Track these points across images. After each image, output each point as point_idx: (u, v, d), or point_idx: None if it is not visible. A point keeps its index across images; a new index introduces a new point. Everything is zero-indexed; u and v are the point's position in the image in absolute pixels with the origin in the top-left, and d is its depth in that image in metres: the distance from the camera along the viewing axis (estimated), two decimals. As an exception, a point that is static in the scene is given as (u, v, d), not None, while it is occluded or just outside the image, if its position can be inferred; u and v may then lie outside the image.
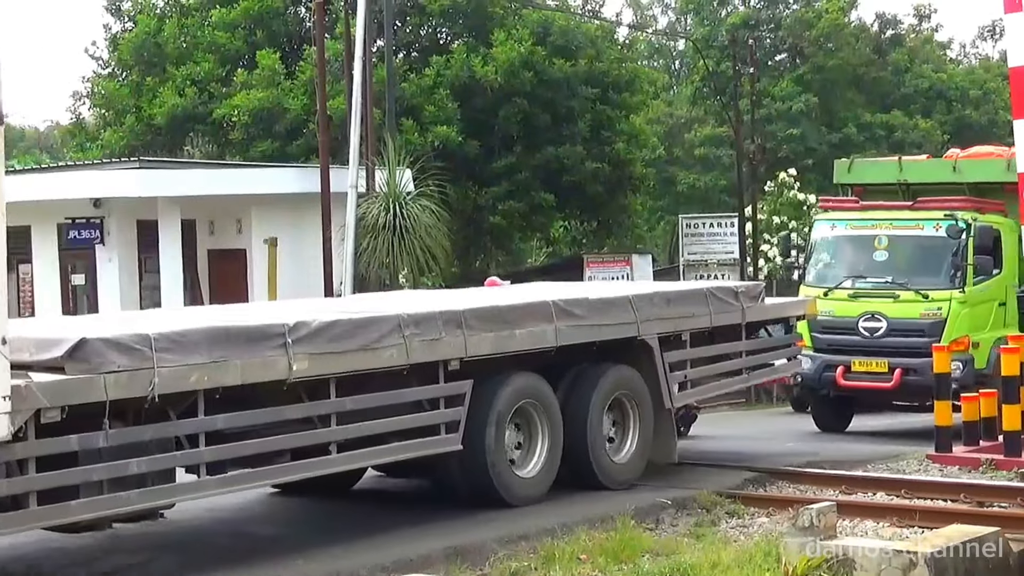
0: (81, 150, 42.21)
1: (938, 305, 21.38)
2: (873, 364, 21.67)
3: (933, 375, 19.30)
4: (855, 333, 21.80)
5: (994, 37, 72.20)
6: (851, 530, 12.61)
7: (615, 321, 14.11)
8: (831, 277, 22.58)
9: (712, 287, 15.95)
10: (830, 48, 59.03)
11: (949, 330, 21.20)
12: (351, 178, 27.22)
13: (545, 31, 38.63)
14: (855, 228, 22.69)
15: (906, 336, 21.45)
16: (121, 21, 42.52)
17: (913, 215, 22.17)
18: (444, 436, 12.46)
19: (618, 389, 14.23)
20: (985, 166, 23.81)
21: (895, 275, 21.96)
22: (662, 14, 70.80)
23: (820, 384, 22.29)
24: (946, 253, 21.56)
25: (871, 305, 21.81)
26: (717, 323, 15.51)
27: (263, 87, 35.78)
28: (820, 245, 23.10)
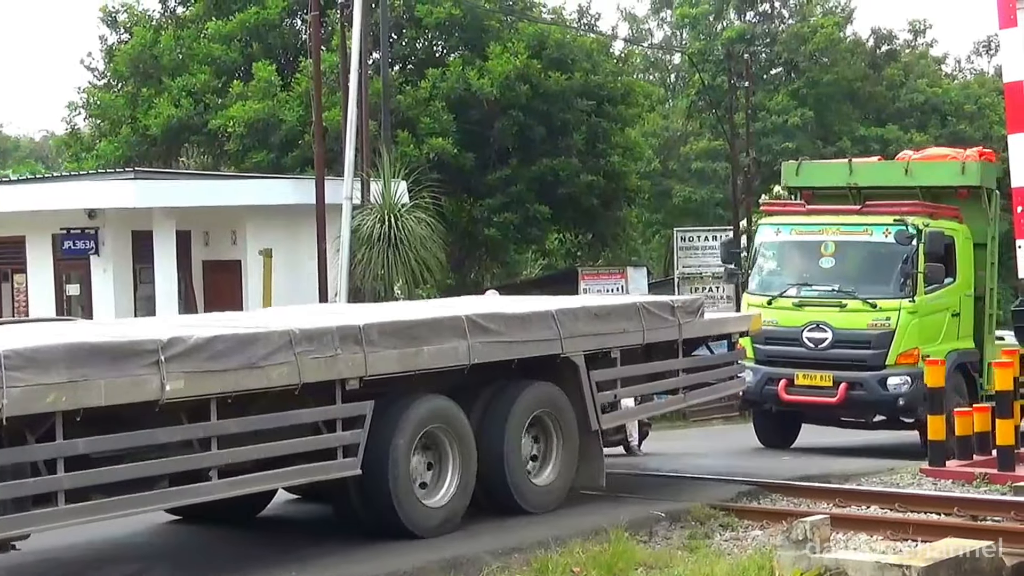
0: (76, 160, 42.21)
1: (887, 315, 20.31)
2: (817, 377, 20.55)
3: (882, 390, 19.78)
4: (799, 344, 20.65)
5: (989, 52, 72.32)
6: (845, 543, 12.59)
7: (536, 337, 13.19)
8: (775, 285, 21.48)
9: (646, 301, 14.94)
10: (825, 62, 59.13)
11: (898, 342, 20.21)
12: (346, 190, 27.23)
13: (541, 44, 38.69)
14: (801, 233, 21.55)
15: (852, 348, 20.44)
16: (117, 32, 42.55)
17: (861, 220, 21.10)
18: (341, 461, 11.46)
19: (539, 409, 13.36)
20: (939, 169, 22.46)
21: (842, 283, 20.85)
22: (658, 28, 70.87)
23: (762, 398, 21.14)
24: (896, 260, 20.51)
25: (816, 315, 20.67)
26: (651, 339, 14.63)
27: (259, 98, 35.81)
28: (764, 251, 21.99)
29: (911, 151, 25.22)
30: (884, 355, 20.02)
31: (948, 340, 20.80)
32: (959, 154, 22.77)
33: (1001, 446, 17.26)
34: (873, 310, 20.29)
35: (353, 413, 11.59)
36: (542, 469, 13.57)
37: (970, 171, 21.78)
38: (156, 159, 38.06)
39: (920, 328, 20.30)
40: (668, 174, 57.73)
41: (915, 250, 20.23)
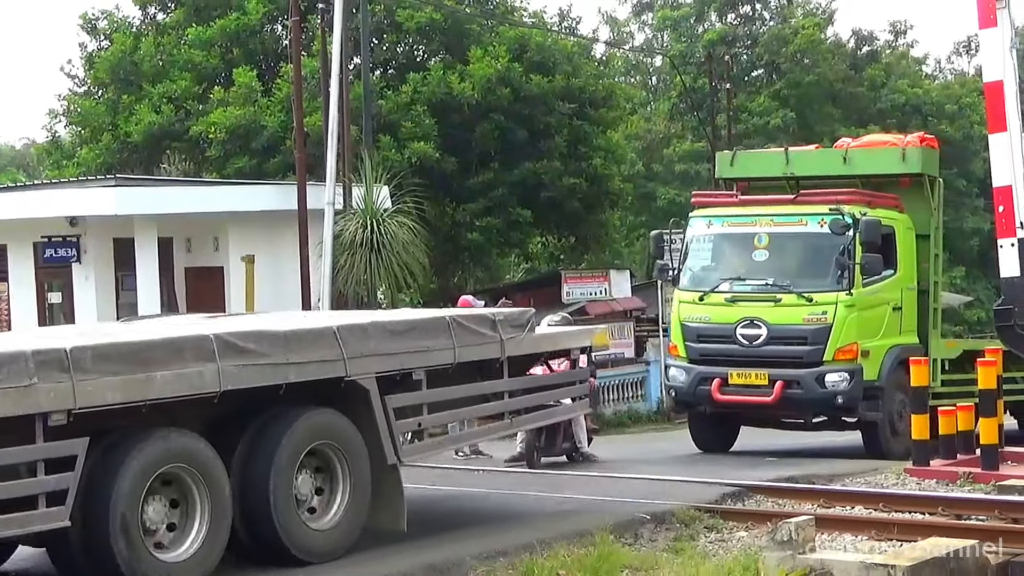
0: (57, 168, 42.08)
1: (823, 309, 19.28)
2: (752, 376, 19.54)
3: (819, 388, 19.05)
4: (733, 342, 19.67)
5: (969, 52, 72.59)
6: (829, 544, 12.60)
7: (311, 358, 11.27)
8: (707, 280, 20.41)
9: (458, 315, 13.19)
10: (806, 64, 59.31)
11: (835, 337, 19.21)
12: (328, 195, 27.20)
13: (522, 48, 38.67)
14: (733, 225, 20.55)
15: (788, 344, 19.46)
16: (97, 39, 42.43)
17: (796, 210, 20.15)
18: (45, 511, 9.50)
19: (317, 441, 11.42)
20: (878, 156, 21.53)
21: (776, 277, 19.85)
22: (639, 31, 70.97)
23: (695, 399, 20.17)
24: (832, 252, 19.43)
25: (750, 310, 19.69)
26: (465, 358, 12.80)
27: (240, 104, 35.75)
28: (695, 245, 20.80)
29: (850, 139, 24.12)
30: (821, 351, 19.15)
31: (890, 335, 20.00)
32: (899, 140, 21.91)
33: (985, 445, 17.29)
34: (809, 304, 19.36)
35: (59, 454, 9.61)
36: (325, 511, 11.57)
37: (911, 158, 20.92)
38: (137, 166, 37.97)
39: (859, 322, 19.42)
40: (651, 176, 57.82)
41: (851, 240, 19.28)
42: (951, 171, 60.29)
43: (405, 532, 12.08)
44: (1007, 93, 16.96)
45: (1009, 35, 17.18)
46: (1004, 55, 17.11)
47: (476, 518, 13.83)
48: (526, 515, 13.92)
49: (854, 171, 21.07)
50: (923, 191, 21.01)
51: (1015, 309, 16.91)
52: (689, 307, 20.20)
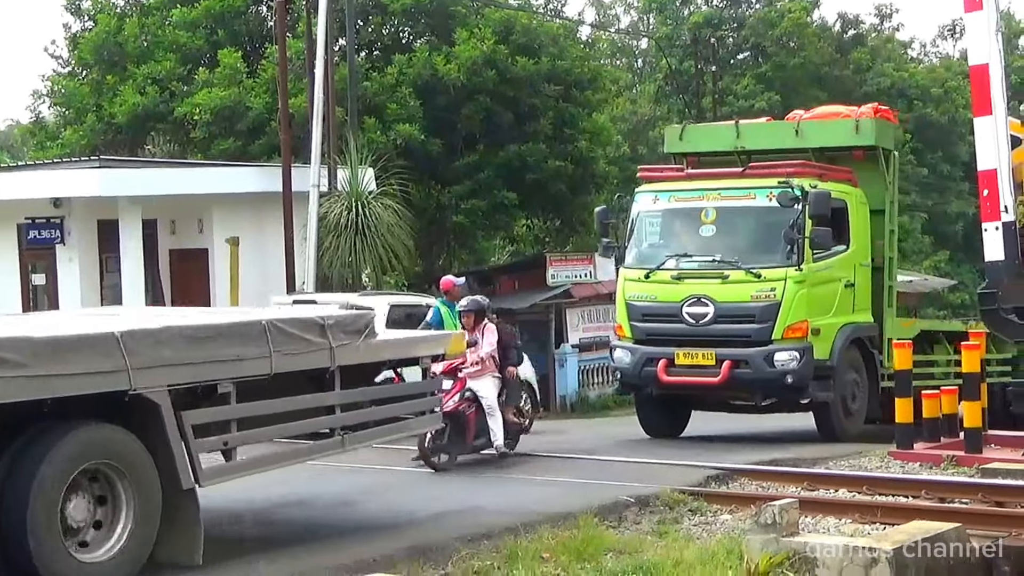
0: (41, 149, 41.94)
1: (771, 286, 18.52)
2: (699, 356, 18.72)
3: (768, 367, 18.29)
4: (679, 320, 18.86)
5: (954, 36, 72.65)
6: (813, 527, 12.64)
7: (84, 369, 9.76)
8: (653, 257, 19.59)
9: (277, 319, 11.47)
10: (792, 47, 59.28)
11: (784, 314, 18.45)
12: (313, 177, 27.16)
13: (507, 30, 38.58)
14: (680, 200, 19.71)
15: (736, 322, 18.72)
16: (81, 20, 42.28)
17: (744, 183, 19.35)
18: None
19: (91, 461, 9.86)
20: (831, 128, 20.84)
21: (724, 253, 19.06)
22: (624, 13, 70.89)
23: (641, 381, 19.36)
24: (780, 226, 18.62)
25: (697, 288, 18.88)
26: (285, 368, 11.28)
27: (225, 86, 35.63)
28: (641, 221, 19.98)
29: (802, 111, 23.35)
30: (770, 329, 18.41)
31: (842, 313, 19.31)
32: (853, 112, 21.18)
33: (968, 428, 17.34)
34: (757, 281, 18.63)
35: None
36: (102, 541, 10.00)
37: (864, 130, 20.33)
38: (122, 147, 37.83)
39: (809, 299, 18.67)
40: (636, 159, 57.69)
41: (800, 214, 18.50)
42: (936, 154, 60.48)
43: (200, 565, 10.50)
44: (992, 77, 16.94)
45: (994, 18, 17.15)
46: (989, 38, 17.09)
47: (460, 500, 13.83)
48: (510, 498, 13.93)
49: (806, 144, 20.51)
50: (878, 164, 20.45)
51: (999, 293, 16.91)
52: (634, 285, 19.50)
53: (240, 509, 13.68)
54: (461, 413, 16.36)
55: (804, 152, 20.28)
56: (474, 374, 16.65)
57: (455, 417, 16.14)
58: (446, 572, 10.93)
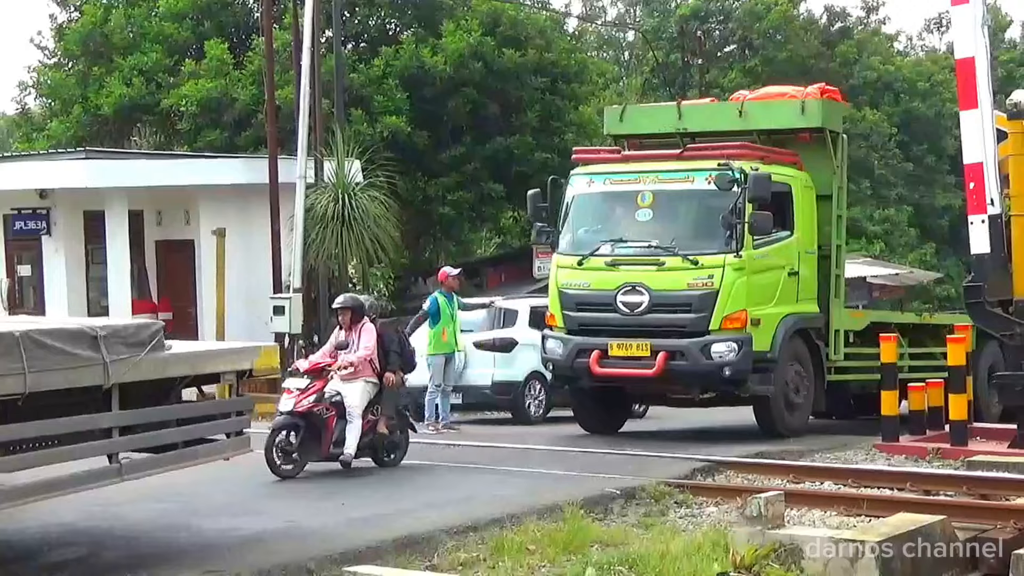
0: (27, 140, 41.85)
1: (709, 273, 17.56)
2: (634, 347, 17.77)
3: (704, 359, 17.37)
4: (613, 310, 17.90)
5: (940, 29, 72.70)
6: (799, 519, 12.67)
7: None
8: (587, 243, 18.59)
9: (36, 331, 9.83)
10: (779, 40, 59.28)
11: (722, 303, 17.52)
12: (299, 168, 27.10)
13: (494, 22, 38.54)
14: (616, 183, 18.73)
15: (672, 312, 17.73)
16: (67, 11, 42.17)
17: (682, 165, 18.32)
18: None
19: None
20: (776, 109, 19.89)
21: (661, 238, 18.08)
22: (611, 5, 70.93)
23: (573, 373, 18.43)
24: (719, 210, 17.69)
25: (632, 275, 17.89)
26: (45, 386, 9.69)
27: (211, 77, 35.58)
28: (575, 205, 18.94)
29: (747, 91, 22.57)
30: (707, 319, 17.49)
31: (785, 302, 18.36)
32: (799, 92, 20.19)
33: (953, 421, 17.40)
34: (694, 268, 17.66)
35: None
36: None
37: (811, 111, 19.38)
38: (108, 139, 37.78)
39: (749, 287, 17.73)
40: (623, 152, 57.82)
41: (739, 197, 17.57)
42: (922, 147, 60.54)
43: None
44: (978, 70, 16.94)
45: (980, 12, 17.15)
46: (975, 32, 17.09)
47: (446, 492, 13.85)
48: (496, 490, 13.94)
49: (751, 125, 19.64)
50: (825, 147, 19.56)
51: (985, 286, 16.94)
52: (567, 272, 18.52)
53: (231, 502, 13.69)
54: (318, 416, 15.15)
55: (749, 134, 19.45)
56: (345, 377, 15.46)
57: (309, 420, 15.09)
58: (433, 564, 10.94)
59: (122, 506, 12.61)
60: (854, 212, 56.73)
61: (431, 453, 17.26)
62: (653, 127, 20.46)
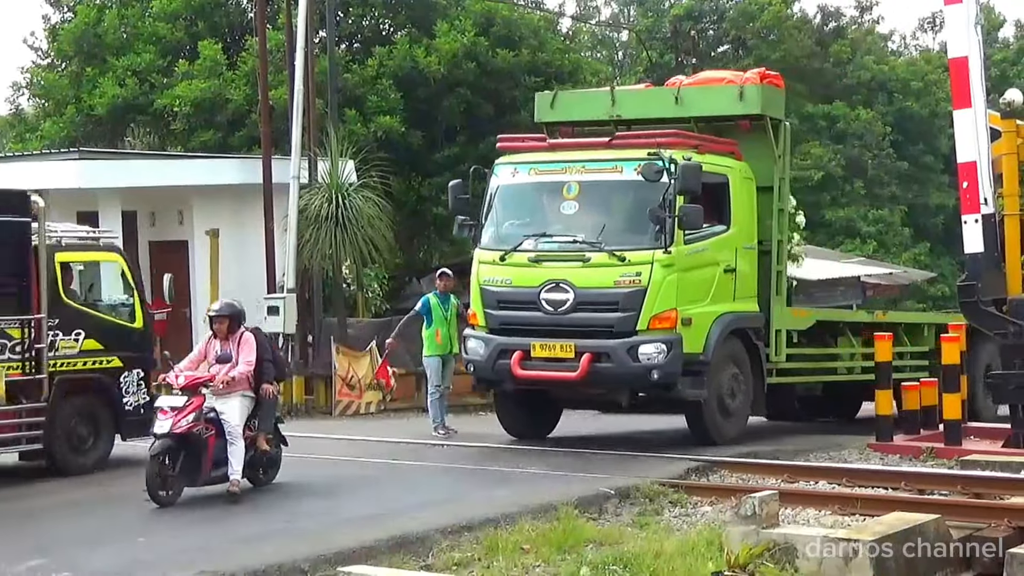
0: (20, 141, 41.78)
1: (637, 270, 16.40)
2: (557, 347, 16.66)
3: (631, 361, 16.28)
4: (536, 308, 16.77)
5: (934, 29, 72.75)
6: (793, 518, 12.68)
7: None
8: (510, 237, 17.45)
9: None
10: (773, 40, 59.29)
11: (650, 302, 16.36)
12: (293, 169, 27.07)
13: (488, 22, 38.53)
14: (540, 173, 17.63)
15: (597, 311, 16.61)
16: (60, 11, 42.12)
17: (610, 155, 17.19)
18: None
19: None
20: (713, 95, 18.78)
21: (587, 232, 16.91)
22: (605, 5, 70.81)
23: (494, 375, 17.32)
24: (648, 203, 16.51)
25: (556, 271, 16.76)
26: None
27: (205, 78, 35.55)
28: (499, 196, 17.88)
29: (684, 76, 21.39)
30: (634, 319, 16.36)
31: (720, 301, 17.30)
32: (737, 77, 19.16)
33: (947, 420, 17.42)
34: (621, 264, 16.50)
35: None
36: None
37: (750, 97, 18.31)
38: (101, 139, 37.74)
39: (680, 285, 16.61)
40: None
41: (668, 189, 16.43)
42: (916, 147, 60.57)
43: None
44: (972, 69, 16.96)
45: (974, 11, 17.18)
46: (968, 31, 17.12)
47: (440, 492, 13.85)
48: (491, 489, 13.95)
49: (688, 112, 18.56)
50: (766, 136, 18.52)
51: (978, 285, 16.95)
52: (489, 268, 17.40)
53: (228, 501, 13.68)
54: (198, 436, 13.80)
55: (686, 121, 18.43)
56: (220, 392, 14.12)
57: (189, 441, 13.76)
58: (427, 564, 10.95)
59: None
60: (848, 212, 57.02)
61: (423, 453, 17.26)
62: (586, 114, 19.45)
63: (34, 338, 15.51)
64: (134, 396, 16.86)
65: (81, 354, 16.37)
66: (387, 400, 25.22)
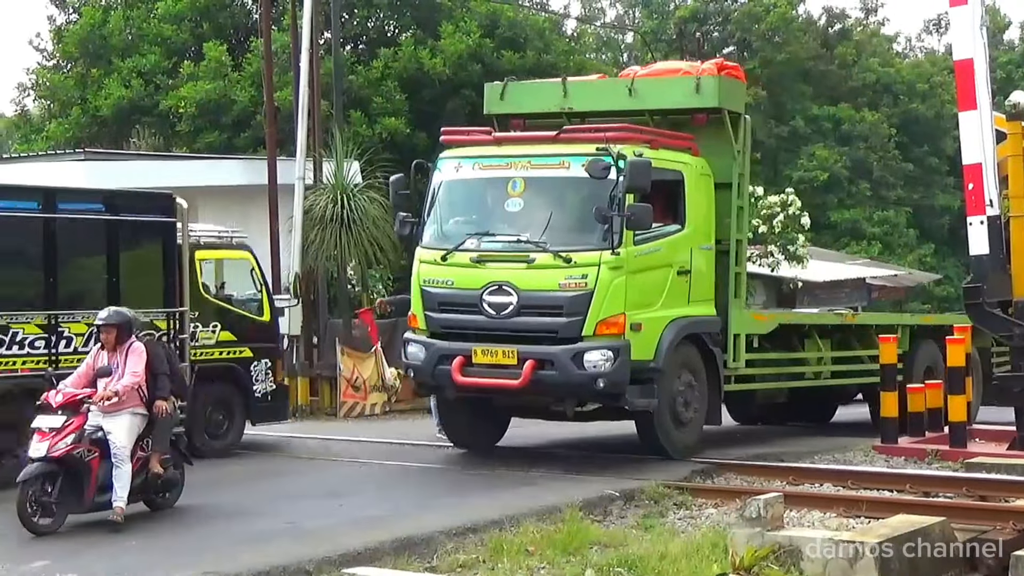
0: (26, 142, 41.89)
1: (583, 272, 15.33)
2: (499, 353, 15.53)
3: (576, 369, 15.21)
4: (478, 311, 15.67)
5: (939, 31, 72.78)
6: (798, 521, 12.67)
7: None
8: (452, 235, 16.35)
9: None
10: (778, 42, 59.32)
11: (596, 306, 15.27)
12: (299, 170, 27.08)
13: (493, 23, 38.59)
14: (485, 168, 16.53)
15: (541, 315, 15.50)
16: (66, 12, 42.25)
17: (557, 149, 16.10)
18: None
19: None
20: (668, 87, 17.60)
21: (532, 231, 15.82)
22: (610, 7, 70.91)
23: (435, 381, 16.16)
24: (596, 200, 15.45)
25: (498, 273, 15.68)
26: None
27: (210, 79, 35.62)
28: (442, 192, 16.75)
29: (639, 67, 20.14)
30: (580, 324, 15.30)
31: (673, 304, 16.17)
32: (694, 68, 17.93)
33: (953, 423, 17.39)
34: (567, 266, 15.42)
35: None
36: None
37: (707, 89, 17.18)
38: (107, 140, 37.80)
39: (629, 288, 15.51)
40: (622, 154, 57.81)
41: (616, 187, 15.35)
42: (922, 149, 60.55)
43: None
44: (977, 71, 16.93)
45: (979, 13, 17.15)
46: (974, 33, 17.09)
47: (444, 494, 13.84)
48: (495, 491, 13.93)
49: (643, 105, 17.51)
50: (724, 130, 17.37)
51: (984, 287, 16.92)
52: (430, 268, 16.27)
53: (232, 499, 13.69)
54: (78, 459, 12.45)
55: (640, 114, 17.42)
56: (108, 409, 12.68)
57: (69, 465, 12.42)
58: (431, 565, 10.94)
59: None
60: (853, 213, 57.05)
61: (427, 454, 17.25)
62: (536, 106, 18.32)
63: (178, 329, 16.60)
64: (263, 384, 18.24)
65: (217, 345, 17.60)
66: (392, 401, 25.22)
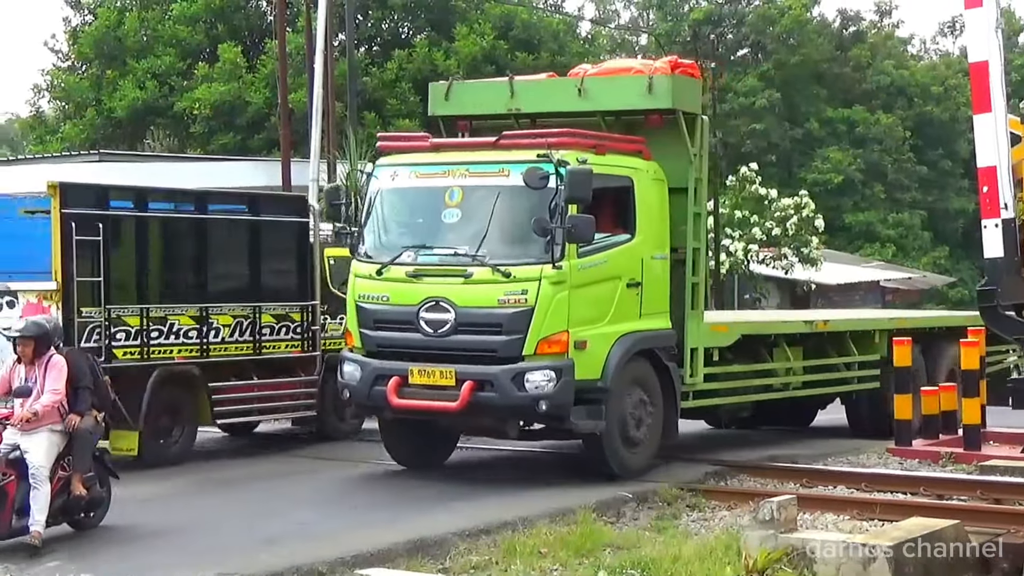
0: (41, 143, 42.01)
1: (523, 287, 14.32)
2: (436, 374, 14.52)
3: (516, 390, 14.21)
4: (415, 329, 14.70)
5: (954, 33, 72.68)
6: (811, 523, 12.64)
7: None
8: (388, 248, 15.32)
9: None
10: (792, 44, 59.29)
11: (538, 324, 14.23)
12: (312, 171, 27.09)
13: (507, 25, 38.63)
14: (422, 177, 15.47)
15: (480, 333, 14.52)
16: (81, 14, 42.37)
17: (496, 156, 15.03)
18: None
19: None
20: (620, 87, 16.47)
21: (470, 244, 14.80)
22: (624, 9, 70.89)
23: (371, 402, 15.12)
24: (536, 211, 14.39)
25: (435, 288, 14.67)
26: None
27: (224, 80, 35.70)
28: (378, 201, 15.62)
29: (588, 65, 18.84)
30: (520, 342, 14.33)
31: (623, 319, 15.08)
32: (646, 66, 16.73)
33: (967, 425, 17.35)
34: (506, 281, 14.42)
35: None
36: None
37: (659, 89, 16.00)
38: (121, 142, 37.93)
39: (572, 304, 14.48)
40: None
41: (556, 196, 14.36)
42: (937, 152, 60.47)
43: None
44: (992, 74, 16.86)
45: (994, 15, 17.08)
46: (989, 35, 17.03)
47: (457, 495, 13.82)
48: (507, 492, 13.92)
49: (593, 106, 16.42)
50: (679, 132, 16.12)
51: (998, 290, 16.86)
52: (365, 283, 15.28)
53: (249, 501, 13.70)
54: None
55: (592, 116, 16.40)
56: (24, 427, 11.54)
57: None
58: (444, 567, 10.94)
59: (125, 506, 12.61)
60: (868, 216, 57.01)
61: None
62: (482, 107, 17.15)
63: (311, 321, 17.84)
64: None
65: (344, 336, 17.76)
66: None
